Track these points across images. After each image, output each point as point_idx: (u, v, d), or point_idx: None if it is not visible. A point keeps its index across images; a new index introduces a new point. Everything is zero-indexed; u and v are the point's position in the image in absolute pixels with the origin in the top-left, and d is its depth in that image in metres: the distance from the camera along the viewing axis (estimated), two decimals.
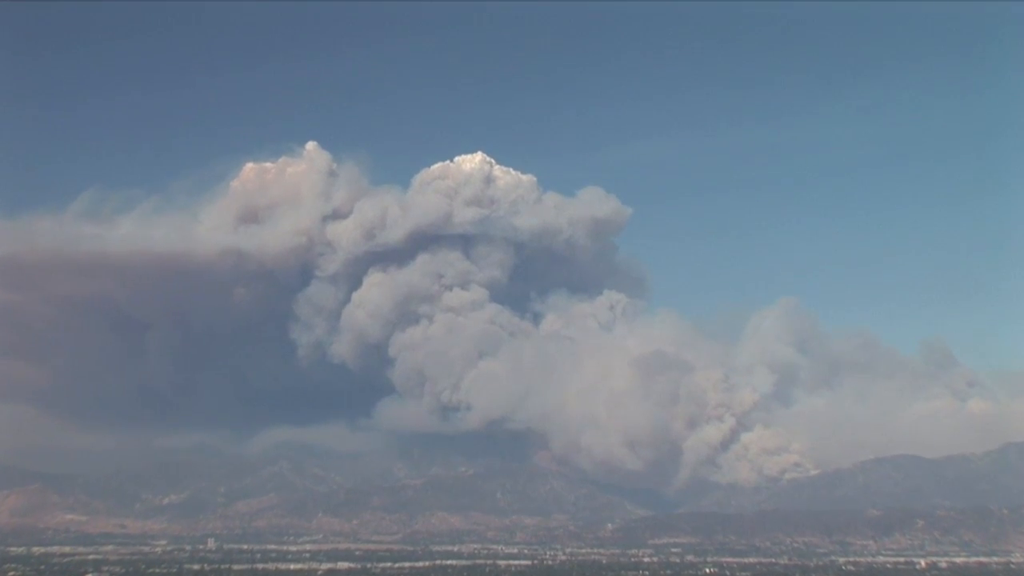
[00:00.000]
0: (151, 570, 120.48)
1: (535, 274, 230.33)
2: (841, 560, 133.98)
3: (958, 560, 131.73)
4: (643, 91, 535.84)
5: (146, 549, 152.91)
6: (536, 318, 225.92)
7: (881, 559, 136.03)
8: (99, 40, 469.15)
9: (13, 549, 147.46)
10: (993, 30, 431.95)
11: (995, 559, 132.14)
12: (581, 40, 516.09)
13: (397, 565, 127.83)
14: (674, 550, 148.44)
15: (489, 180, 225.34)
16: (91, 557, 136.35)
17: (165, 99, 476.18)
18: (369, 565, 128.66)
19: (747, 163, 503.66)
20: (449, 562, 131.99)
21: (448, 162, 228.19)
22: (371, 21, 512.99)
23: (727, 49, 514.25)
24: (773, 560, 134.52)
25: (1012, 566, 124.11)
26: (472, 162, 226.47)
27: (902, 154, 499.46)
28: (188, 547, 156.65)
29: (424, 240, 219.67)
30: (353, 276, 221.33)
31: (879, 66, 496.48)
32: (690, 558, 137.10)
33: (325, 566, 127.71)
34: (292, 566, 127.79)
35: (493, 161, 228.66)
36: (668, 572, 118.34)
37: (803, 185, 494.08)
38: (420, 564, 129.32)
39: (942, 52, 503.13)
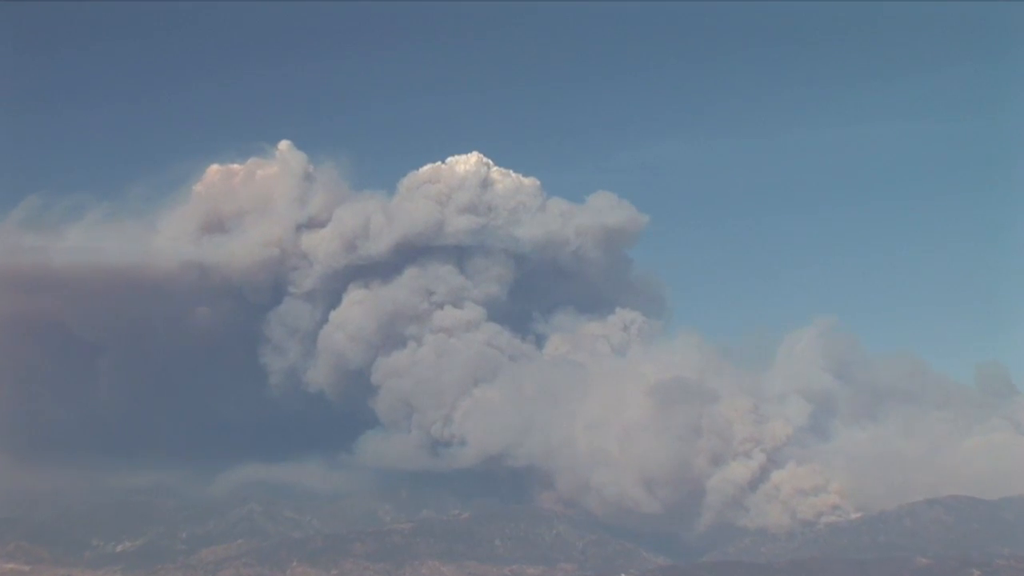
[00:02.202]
0: None
1: (538, 290, 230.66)
2: None
3: None
4: (663, 86, 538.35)
5: None
6: (539, 340, 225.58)
7: None
8: (45, 31, 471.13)
9: None
10: None
11: None
12: (589, 26, 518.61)
13: None
14: None
15: (486, 184, 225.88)
16: None
17: (119, 94, 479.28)
18: None
19: (779, 168, 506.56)
20: None
21: (440, 164, 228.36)
22: (352, 7, 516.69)
23: (762, 44, 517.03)
24: None
25: None
26: (467, 164, 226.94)
27: (953, 161, 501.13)
28: None
29: (412, 252, 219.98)
30: (332, 293, 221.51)
31: (932, 66, 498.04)
32: None
33: None
34: None
35: (491, 162, 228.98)
36: None
37: (841, 193, 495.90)
38: None
39: (992, 53, 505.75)
